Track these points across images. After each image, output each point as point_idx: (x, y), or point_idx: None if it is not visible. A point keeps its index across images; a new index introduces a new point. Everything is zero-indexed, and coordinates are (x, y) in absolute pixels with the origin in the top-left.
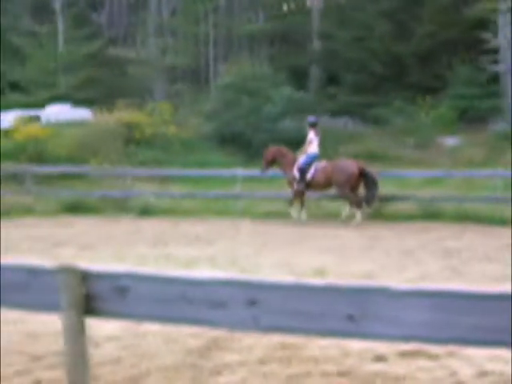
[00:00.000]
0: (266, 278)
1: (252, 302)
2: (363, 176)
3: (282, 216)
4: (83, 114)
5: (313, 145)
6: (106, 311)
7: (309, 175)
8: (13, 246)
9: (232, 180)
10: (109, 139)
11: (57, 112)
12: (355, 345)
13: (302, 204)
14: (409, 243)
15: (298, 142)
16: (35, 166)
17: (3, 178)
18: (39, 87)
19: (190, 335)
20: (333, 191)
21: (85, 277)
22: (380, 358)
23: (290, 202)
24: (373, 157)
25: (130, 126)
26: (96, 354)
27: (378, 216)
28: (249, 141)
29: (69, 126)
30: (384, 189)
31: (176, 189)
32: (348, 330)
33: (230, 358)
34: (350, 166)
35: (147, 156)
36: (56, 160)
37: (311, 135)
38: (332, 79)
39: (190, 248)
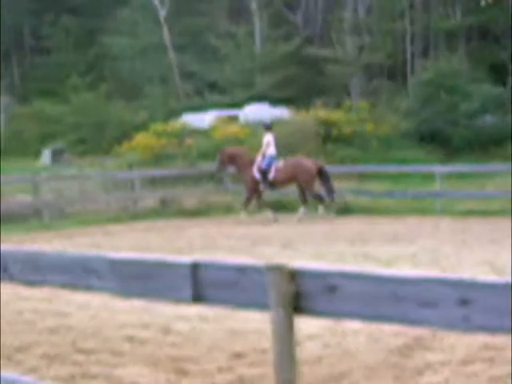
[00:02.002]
0: (477, 276)
1: (464, 301)
2: (320, 173)
3: (482, 214)
4: (281, 113)
5: (270, 146)
6: (314, 310)
7: (271, 175)
8: (213, 243)
9: (430, 177)
10: (306, 138)
11: (255, 111)
12: None
13: (258, 203)
14: None
15: (498, 139)
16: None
17: (203, 177)
18: (237, 87)
19: (392, 334)
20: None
21: (294, 275)
22: None
23: (245, 203)
24: None
25: (327, 125)
26: (298, 353)
27: None
28: (448, 138)
29: None
30: None
31: (374, 187)
32: None
33: (433, 357)
34: (310, 163)
35: (345, 154)
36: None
37: (268, 137)
38: None
39: (389, 247)
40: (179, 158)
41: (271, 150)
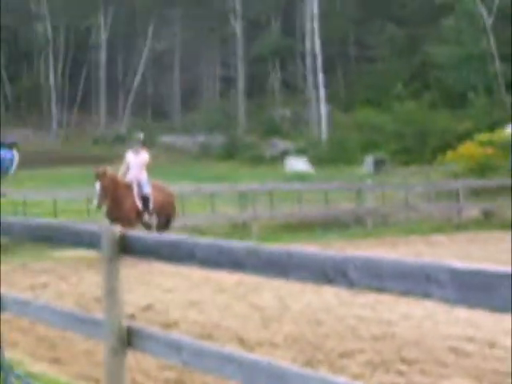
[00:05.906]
0: None
1: None
2: None
3: None
4: None
5: (144, 168)
6: None
7: (151, 203)
8: None
9: None
10: None
11: None
12: None
13: None
14: None
15: None
16: None
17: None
18: None
19: None
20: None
21: None
22: None
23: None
24: None
25: None
26: None
27: None
28: None
29: None
30: None
31: None
32: None
33: None
34: (168, 189)
35: None
36: None
37: (144, 156)
38: None
39: None
40: (504, 169)
41: (144, 175)
